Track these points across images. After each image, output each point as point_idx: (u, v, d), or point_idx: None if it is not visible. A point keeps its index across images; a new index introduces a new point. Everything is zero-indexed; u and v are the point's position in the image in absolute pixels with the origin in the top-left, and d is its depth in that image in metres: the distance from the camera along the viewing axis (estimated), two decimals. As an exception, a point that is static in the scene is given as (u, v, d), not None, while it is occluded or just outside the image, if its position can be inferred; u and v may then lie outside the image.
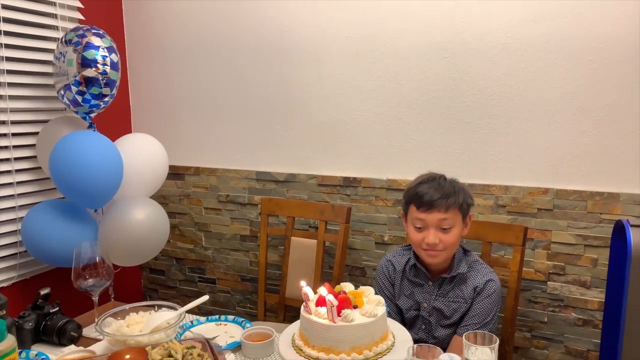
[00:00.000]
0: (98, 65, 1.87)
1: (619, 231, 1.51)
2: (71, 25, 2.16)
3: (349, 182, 2.19)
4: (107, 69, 1.90)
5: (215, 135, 2.44)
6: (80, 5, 2.20)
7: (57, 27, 2.12)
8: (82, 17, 2.22)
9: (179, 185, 2.55)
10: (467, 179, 1.97)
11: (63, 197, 2.14)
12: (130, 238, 1.93)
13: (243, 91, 2.34)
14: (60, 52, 1.91)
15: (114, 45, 1.96)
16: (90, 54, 1.87)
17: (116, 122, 2.47)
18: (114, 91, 1.99)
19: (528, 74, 1.85)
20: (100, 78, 1.88)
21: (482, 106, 1.93)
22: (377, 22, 2.04)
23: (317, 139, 2.23)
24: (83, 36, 1.88)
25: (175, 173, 2.54)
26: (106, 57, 1.90)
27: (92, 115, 2.00)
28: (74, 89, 1.88)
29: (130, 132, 2.59)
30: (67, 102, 1.94)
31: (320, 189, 2.25)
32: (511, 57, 1.86)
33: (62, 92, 1.93)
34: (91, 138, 1.86)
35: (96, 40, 1.89)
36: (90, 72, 1.87)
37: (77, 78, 1.86)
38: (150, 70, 2.53)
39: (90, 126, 2.01)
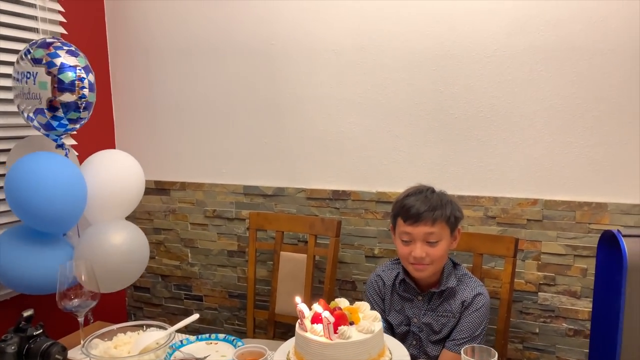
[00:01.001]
0: (76, 89, 1.72)
1: (607, 241, 1.53)
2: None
3: (338, 195, 2.18)
4: (86, 92, 1.75)
5: (201, 149, 2.41)
6: (62, 19, 2.17)
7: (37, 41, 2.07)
8: (64, 32, 2.18)
9: (164, 201, 2.51)
10: (456, 191, 1.98)
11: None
12: (106, 264, 1.79)
13: (230, 104, 2.32)
14: (28, 72, 1.70)
15: (89, 64, 1.82)
16: (66, 76, 1.70)
17: (98, 138, 2.42)
18: (90, 113, 1.85)
19: (515, 86, 1.87)
20: (79, 102, 1.73)
21: (469, 118, 1.94)
22: (365, 34, 2.04)
23: (306, 152, 2.22)
24: (55, 55, 1.70)
25: (161, 188, 2.50)
26: (84, 79, 1.73)
27: (63, 136, 1.87)
28: (48, 114, 1.72)
29: (114, 147, 2.54)
30: (38, 125, 1.76)
31: (310, 203, 2.23)
32: (498, 69, 1.88)
33: (31, 115, 1.75)
34: (48, 160, 1.70)
35: (71, 60, 1.73)
36: (68, 97, 1.70)
37: (52, 103, 1.70)
38: (134, 84, 2.49)
39: (60, 147, 1.86)
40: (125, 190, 1.94)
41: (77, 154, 2.11)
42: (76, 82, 1.73)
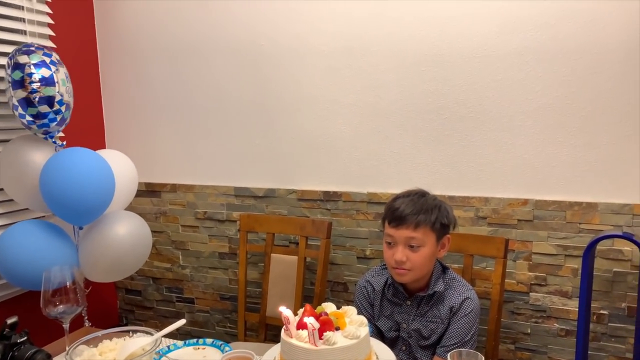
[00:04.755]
0: (26, 84, 1.79)
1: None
2: (41, 42, 2.10)
3: (329, 197, 2.16)
4: (37, 86, 1.81)
5: (191, 151, 2.39)
6: (50, 20, 2.14)
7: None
8: (51, 33, 2.15)
9: (155, 203, 2.49)
10: (446, 191, 1.97)
11: (38, 217, 2.07)
12: (113, 250, 1.92)
13: (220, 106, 2.30)
14: (2, 77, 1.88)
15: (47, 59, 1.84)
16: (16, 74, 1.78)
17: (89, 139, 2.40)
18: (60, 107, 1.87)
19: (505, 86, 1.86)
20: (31, 97, 1.80)
21: (460, 118, 1.93)
22: (355, 35, 2.03)
23: (297, 153, 2.20)
24: (12, 57, 1.81)
25: (151, 190, 2.48)
26: (33, 74, 1.79)
27: (53, 134, 1.92)
28: (15, 112, 1.83)
29: (104, 148, 2.52)
30: (22, 125, 1.88)
31: (301, 204, 2.22)
32: (488, 70, 1.87)
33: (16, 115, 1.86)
34: (83, 154, 1.84)
35: (22, 58, 1.79)
36: (21, 94, 1.79)
37: (13, 102, 1.81)
38: (124, 86, 2.47)
39: (56, 145, 1.92)
40: (126, 185, 2.06)
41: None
42: (24, 77, 1.79)
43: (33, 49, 1.84)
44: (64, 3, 2.24)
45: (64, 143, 1.96)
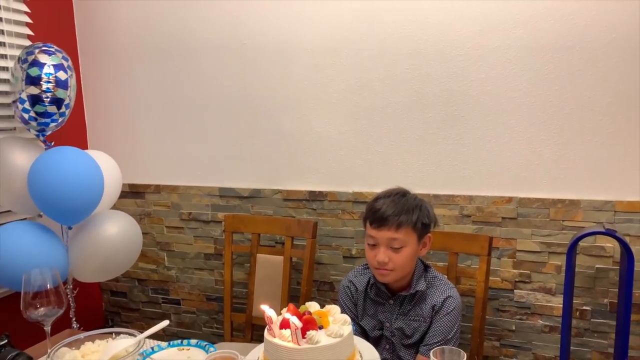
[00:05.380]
0: (42, 83, 1.82)
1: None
2: (19, 42, 2.07)
3: (315, 196, 2.16)
4: (51, 86, 1.84)
5: (175, 151, 2.38)
6: (28, 19, 2.11)
7: (4, 43, 2.02)
8: (30, 33, 2.12)
9: (139, 204, 2.47)
10: (431, 190, 1.98)
11: (23, 219, 2.05)
12: (106, 249, 1.92)
13: (204, 105, 2.29)
14: (15, 69, 1.88)
15: (65, 63, 1.89)
16: (34, 71, 1.81)
17: (71, 140, 2.37)
18: (65, 110, 1.91)
19: (488, 84, 1.87)
20: (44, 96, 1.83)
21: (444, 117, 1.94)
22: (339, 34, 2.03)
23: (282, 152, 2.20)
24: (31, 53, 1.83)
25: (135, 192, 2.46)
26: (51, 74, 1.83)
27: (46, 133, 1.94)
28: (20, 106, 1.83)
29: (87, 149, 2.49)
30: (19, 119, 1.90)
31: (286, 204, 2.21)
32: (471, 68, 1.88)
33: (14, 109, 1.89)
34: (73, 152, 1.85)
35: (43, 58, 1.84)
36: (33, 90, 1.82)
37: (21, 96, 1.82)
38: (106, 85, 2.45)
39: (45, 145, 1.95)
40: (110, 185, 2.03)
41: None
42: (42, 76, 1.82)
43: (53, 50, 1.88)
44: (42, 2, 2.21)
45: (52, 143, 1.97)
